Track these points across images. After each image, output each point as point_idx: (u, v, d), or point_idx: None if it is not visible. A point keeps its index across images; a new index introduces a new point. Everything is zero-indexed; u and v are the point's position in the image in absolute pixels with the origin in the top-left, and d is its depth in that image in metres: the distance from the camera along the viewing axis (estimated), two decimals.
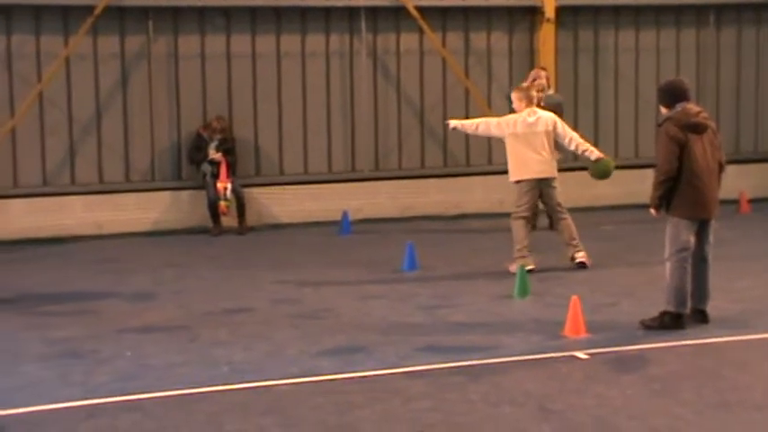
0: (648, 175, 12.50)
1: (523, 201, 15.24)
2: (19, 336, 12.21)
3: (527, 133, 15.14)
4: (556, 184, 15.29)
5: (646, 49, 22.46)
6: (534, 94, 15.89)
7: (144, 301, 14.27)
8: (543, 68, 19.03)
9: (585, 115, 22.21)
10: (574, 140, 15.51)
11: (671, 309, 11.63)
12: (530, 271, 14.60)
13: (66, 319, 13.09)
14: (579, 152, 15.55)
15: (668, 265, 11.66)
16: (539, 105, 16.16)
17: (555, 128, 15.35)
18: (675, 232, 11.67)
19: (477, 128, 15.73)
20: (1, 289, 14.91)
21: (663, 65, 22.29)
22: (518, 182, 15.13)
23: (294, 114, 20.93)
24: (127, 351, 11.49)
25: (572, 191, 19.50)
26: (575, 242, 15.24)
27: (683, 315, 11.70)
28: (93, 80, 19.86)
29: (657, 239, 12.28)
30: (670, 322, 11.62)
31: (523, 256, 14.86)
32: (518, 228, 15.04)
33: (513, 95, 15.57)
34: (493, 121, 15.64)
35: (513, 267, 14.63)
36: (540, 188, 15.28)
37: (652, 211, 11.76)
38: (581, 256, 15.19)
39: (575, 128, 17.54)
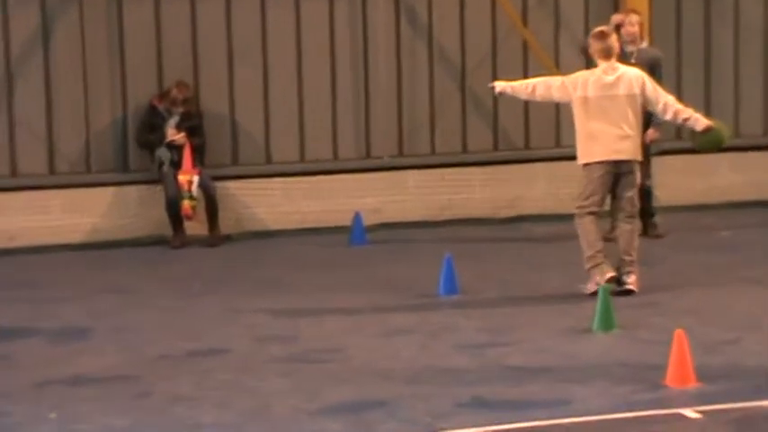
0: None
1: (590, 190, 14.97)
2: None
3: (602, 97, 14.70)
4: (637, 171, 15.04)
5: None
6: (615, 43, 15.21)
7: (75, 341, 13.84)
8: (634, 11, 18.64)
9: (693, 78, 21.79)
10: (670, 107, 14.88)
11: None
12: (610, 281, 14.48)
13: None
14: (679, 121, 15.04)
15: None
16: (629, 63, 15.75)
17: (644, 90, 14.72)
18: None
19: (533, 90, 15.18)
20: None
21: None
22: (586, 165, 14.83)
23: (286, 81, 20.50)
24: (50, 413, 10.98)
25: (675, 182, 20.37)
26: (630, 258, 14.96)
27: None
28: (2, 38, 19.49)
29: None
30: None
31: (597, 264, 14.61)
32: (586, 227, 14.89)
33: (590, 44, 15.25)
34: (555, 80, 15.21)
35: (591, 286, 14.39)
36: (618, 175, 14.96)
37: None
38: (630, 282, 14.87)
39: (678, 96, 17.17)
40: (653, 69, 17.08)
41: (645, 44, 18.38)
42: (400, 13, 21.43)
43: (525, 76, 19.48)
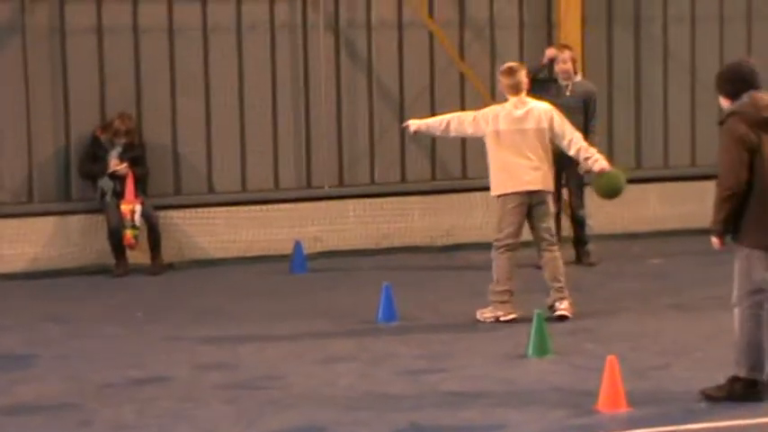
0: (709, 190, 12.50)
1: (507, 223, 15.20)
2: None
3: (512, 131, 15.01)
4: (550, 201, 15.39)
5: (705, 17, 22.51)
6: (524, 78, 15.47)
7: (15, 369, 13.90)
8: (567, 46, 18.91)
9: (623, 110, 22.33)
10: (575, 143, 15.20)
11: (742, 373, 11.39)
12: (509, 321, 14.92)
13: None
14: (581, 158, 15.24)
15: (737, 312, 11.47)
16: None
17: (552, 125, 15.10)
18: (747, 267, 11.44)
19: (446, 127, 15.40)
20: None
21: (727, 40, 22.54)
22: (500, 196, 15.11)
23: (227, 111, 20.71)
24: None
25: (606, 211, 20.27)
26: (559, 285, 15.16)
27: (760, 382, 11.40)
28: None
29: (723, 276, 12.15)
30: (742, 391, 11.37)
31: (503, 301, 14.90)
32: (501, 263, 15.17)
33: (499, 80, 15.39)
34: (468, 115, 15.32)
35: (488, 315, 15.01)
36: (531, 206, 15.16)
37: (714, 239, 11.56)
38: (563, 308, 15.09)
39: (609, 128, 19.66)
40: (587, 103, 17.94)
41: (579, 78, 18.59)
42: (340, 47, 21.57)
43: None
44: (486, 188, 19.47)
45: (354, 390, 12.53)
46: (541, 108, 15.17)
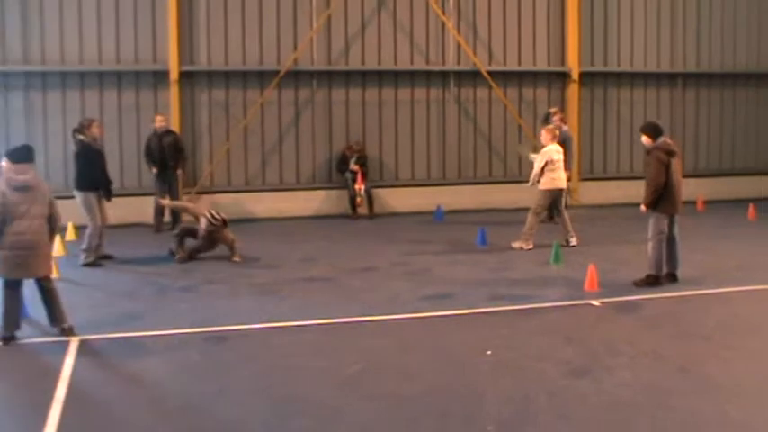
0: (636, 185, 12.28)
1: (542, 207, 15.36)
2: (235, 280, 12.97)
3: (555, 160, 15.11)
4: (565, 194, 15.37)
5: (637, 101, 22.98)
6: (557, 133, 15.69)
7: (308, 261, 14.60)
8: (556, 112, 18.59)
9: (596, 143, 22.67)
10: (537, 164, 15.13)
11: (652, 272, 11.93)
12: (528, 249, 14.73)
13: (264, 272, 13.66)
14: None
15: (650, 243, 11.90)
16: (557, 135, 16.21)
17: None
18: (657, 222, 11.81)
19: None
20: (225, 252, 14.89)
21: (649, 112, 22.61)
22: (546, 190, 15.11)
23: (405, 140, 21.54)
24: (299, 294, 11.95)
25: (606, 196, 21.35)
26: (569, 231, 15.30)
27: (661, 276, 12.01)
28: (277, 117, 20.85)
29: (639, 228, 12.50)
30: (652, 281, 11.90)
31: (526, 239, 15.02)
32: (531, 218, 15.08)
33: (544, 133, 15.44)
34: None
35: (516, 244, 15.05)
36: (558, 196, 15.25)
37: (643, 207, 11.80)
38: (573, 241, 15.22)
39: (588, 152, 19.95)
40: (565, 142, 17.25)
41: (565, 127, 18.25)
42: (461, 110, 21.66)
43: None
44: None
45: (466, 277, 12.89)
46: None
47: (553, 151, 15.26)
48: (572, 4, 21.92)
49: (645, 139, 11.84)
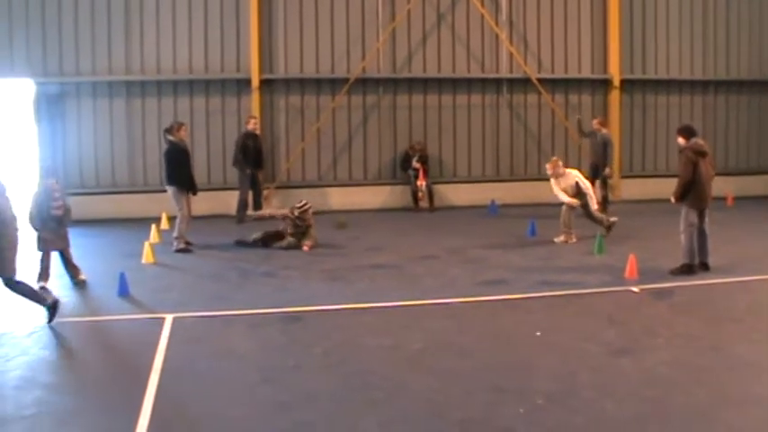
0: (672, 182, 11.92)
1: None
2: (309, 267, 13.10)
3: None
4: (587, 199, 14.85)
5: (673, 106, 22.71)
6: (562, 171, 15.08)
7: (374, 250, 14.61)
8: (595, 118, 19.03)
9: (635, 143, 22.53)
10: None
11: (686, 261, 11.81)
12: (571, 242, 14.46)
13: (335, 259, 13.74)
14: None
15: (683, 235, 11.83)
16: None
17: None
18: (687, 215, 11.72)
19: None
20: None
21: (683, 116, 22.27)
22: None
23: (462, 141, 21.62)
24: (366, 278, 12.05)
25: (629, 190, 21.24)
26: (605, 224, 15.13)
27: (694, 265, 11.87)
28: (347, 120, 21.09)
29: (675, 221, 12.12)
30: (686, 270, 11.78)
31: (566, 233, 14.77)
32: (565, 213, 14.77)
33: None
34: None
35: (558, 239, 14.77)
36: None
37: (673, 199, 11.75)
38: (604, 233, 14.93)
39: (629, 152, 20.20)
40: (606, 144, 17.94)
41: (604, 131, 18.55)
42: (512, 114, 21.79)
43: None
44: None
45: (517, 264, 12.88)
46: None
47: (572, 177, 15.08)
48: (613, 17, 21.77)
49: (680, 140, 11.75)
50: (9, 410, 6.89)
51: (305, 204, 15.03)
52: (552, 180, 15.09)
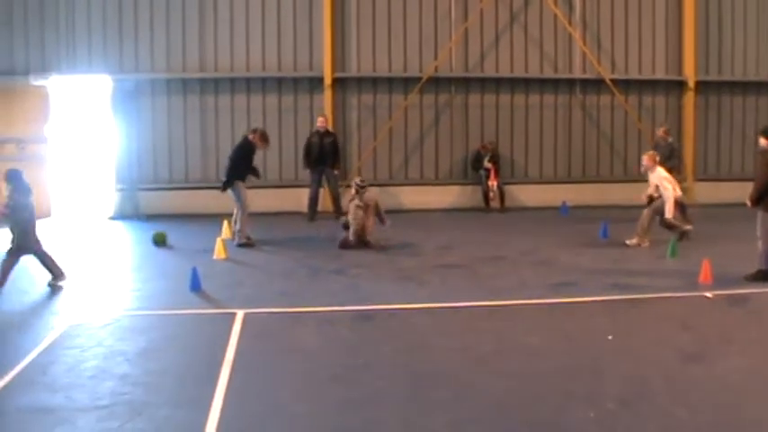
0: (748, 186, 11.55)
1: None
2: (379, 265, 13.16)
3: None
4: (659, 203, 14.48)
5: (749, 108, 22.39)
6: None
7: (445, 249, 14.71)
8: (661, 126, 18.60)
9: (710, 146, 22.24)
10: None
11: (763, 267, 11.57)
12: (643, 246, 14.23)
13: (405, 258, 13.83)
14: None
15: (760, 241, 11.52)
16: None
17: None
18: (764, 221, 11.41)
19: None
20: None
21: (760, 119, 21.85)
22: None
23: (534, 141, 21.69)
24: (437, 279, 11.99)
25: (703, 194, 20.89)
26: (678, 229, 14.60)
27: None
28: (419, 119, 21.32)
29: (751, 226, 11.74)
30: (762, 277, 11.52)
31: (640, 236, 14.51)
32: (644, 218, 14.52)
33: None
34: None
35: (631, 241, 14.50)
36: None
37: (749, 203, 11.45)
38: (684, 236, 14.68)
39: (703, 155, 19.64)
40: (674, 151, 17.49)
41: (670, 139, 18.05)
42: (585, 115, 21.70)
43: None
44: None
45: (588, 267, 12.83)
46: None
47: (657, 177, 14.71)
48: (689, 16, 21.63)
49: (762, 141, 11.54)
50: (84, 400, 7.02)
51: (363, 181, 14.83)
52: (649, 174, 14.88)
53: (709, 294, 10.91)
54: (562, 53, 21.42)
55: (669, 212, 14.40)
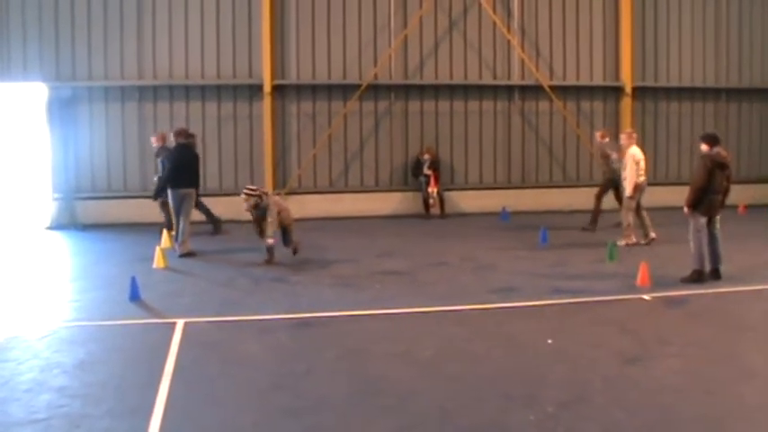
0: (684, 190, 11.77)
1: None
2: (319, 272, 12.99)
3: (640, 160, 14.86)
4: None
5: (685, 114, 22.77)
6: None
7: (385, 256, 14.69)
8: (602, 132, 18.19)
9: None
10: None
11: (697, 267, 11.78)
12: (632, 245, 14.61)
13: (346, 265, 13.73)
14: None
15: (692, 242, 11.78)
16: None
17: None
18: (694, 221, 11.67)
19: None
20: (311, 248, 15.02)
21: (695, 124, 22.44)
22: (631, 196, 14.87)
23: (474, 148, 21.71)
24: (377, 284, 11.97)
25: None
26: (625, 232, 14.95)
27: (704, 272, 11.81)
28: (358, 126, 21.22)
29: (686, 231, 11.96)
30: (697, 277, 11.76)
31: (628, 234, 14.92)
32: (629, 216, 14.77)
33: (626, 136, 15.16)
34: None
35: (622, 242, 14.83)
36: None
37: (685, 209, 11.59)
38: (622, 243, 14.79)
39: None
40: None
41: (607, 140, 17.81)
42: (524, 121, 21.83)
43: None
44: (588, 185, 19.73)
45: (528, 272, 12.86)
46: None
47: (629, 155, 15.07)
48: (626, 23, 21.74)
49: (703, 146, 11.64)
50: (21, 414, 6.87)
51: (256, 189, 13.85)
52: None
53: (646, 297, 11.01)
54: (501, 60, 21.48)
55: (629, 191, 14.66)
